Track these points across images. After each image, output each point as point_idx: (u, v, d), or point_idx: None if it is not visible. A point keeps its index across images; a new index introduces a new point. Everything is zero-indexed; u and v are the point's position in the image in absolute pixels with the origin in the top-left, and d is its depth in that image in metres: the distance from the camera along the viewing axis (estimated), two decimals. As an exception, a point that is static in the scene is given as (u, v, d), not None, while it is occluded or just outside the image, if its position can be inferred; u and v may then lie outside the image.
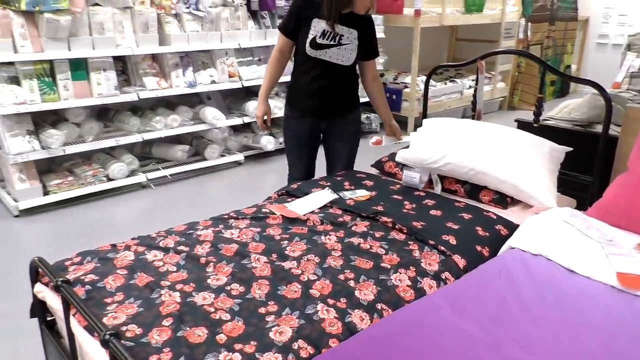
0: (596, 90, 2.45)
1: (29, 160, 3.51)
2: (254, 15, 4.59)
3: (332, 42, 2.47)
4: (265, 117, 2.71)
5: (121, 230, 3.42)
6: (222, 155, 4.54)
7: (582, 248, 1.69)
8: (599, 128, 2.85)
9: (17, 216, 3.52)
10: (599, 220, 1.91)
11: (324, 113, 2.62)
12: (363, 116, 5.59)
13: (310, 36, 2.47)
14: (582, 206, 2.37)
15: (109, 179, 3.89)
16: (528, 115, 3.38)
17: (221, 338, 1.38)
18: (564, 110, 3.67)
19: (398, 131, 2.82)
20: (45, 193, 3.63)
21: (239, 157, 4.63)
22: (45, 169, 3.84)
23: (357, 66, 2.65)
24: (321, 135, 2.73)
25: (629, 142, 2.18)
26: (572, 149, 2.41)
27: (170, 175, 4.20)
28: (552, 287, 1.51)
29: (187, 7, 4.06)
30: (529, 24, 6.86)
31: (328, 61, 2.50)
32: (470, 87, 6.47)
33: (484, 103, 6.72)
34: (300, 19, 2.49)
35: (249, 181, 4.32)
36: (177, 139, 4.44)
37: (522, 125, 3.18)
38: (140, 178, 4.04)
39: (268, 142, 4.62)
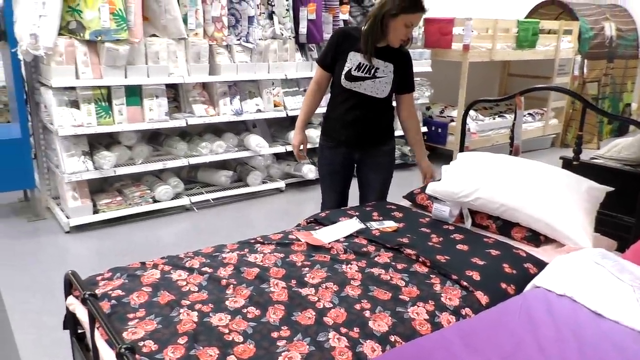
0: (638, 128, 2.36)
1: (82, 180, 3.72)
2: (301, 47, 4.73)
3: (367, 75, 2.52)
4: (302, 147, 2.77)
5: (162, 250, 3.53)
6: (264, 182, 4.64)
7: (611, 291, 1.62)
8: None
9: (68, 232, 3.71)
10: (636, 263, 1.82)
11: (357, 144, 2.66)
12: (406, 149, 5.59)
13: (346, 68, 2.53)
14: (623, 248, 2.26)
15: (155, 201, 4.06)
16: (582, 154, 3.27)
17: (231, 359, 1.41)
18: (613, 150, 3.54)
19: (430, 172, 2.80)
20: (95, 211, 3.83)
21: (281, 184, 4.72)
22: (97, 188, 4.05)
23: (393, 99, 2.68)
24: (355, 165, 2.76)
25: (673, 183, 2.08)
26: (612, 188, 2.32)
27: (212, 199, 4.32)
28: (574, 329, 1.44)
29: (238, 39, 4.24)
30: (585, 60, 6.69)
31: (362, 93, 2.55)
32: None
33: (536, 140, 6.60)
34: (337, 52, 2.57)
35: (288, 208, 4.38)
36: (221, 165, 4.59)
37: (567, 163, 3.09)
38: (184, 201, 4.19)
39: (309, 171, 4.69)
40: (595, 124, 6.86)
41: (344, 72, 2.53)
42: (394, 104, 2.73)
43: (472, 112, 5.94)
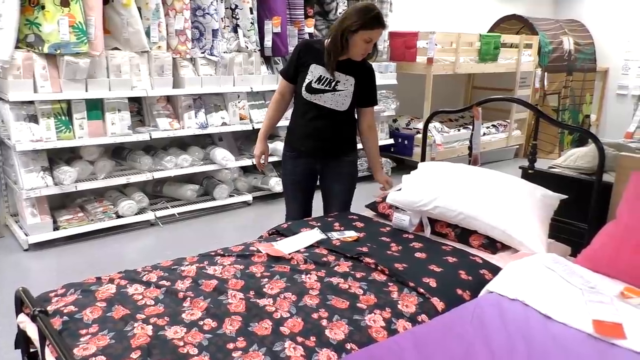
0: (590, 138, 2.44)
1: (42, 196, 3.63)
2: (267, 60, 4.75)
3: (327, 88, 2.55)
4: (263, 157, 2.80)
5: (124, 266, 3.38)
6: (231, 196, 4.61)
7: (561, 294, 1.66)
8: (605, 177, 2.82)
9: (26, 250, 3.61)
10: (586, 267, 1.87)
11: (318, 154, 2.68)
12: (374, 160, 5.64)
13: (307, 81, 2.56)
14: (577, 254, 2.32)
15: (119, 216, 3.99)
16: (542, 163, 3.36)
17: (184, 372, 1.39)
18: (569, 159, 3.64)
19: (390, 181, 2.85)
20: (56, 228, 3.73)
21: (248, 197, 4.70)
22: (58, 204, 3.96)
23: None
24: (318, 176, 2.78)
25: (621, 190, 2.15)
26: (566, 196, 2.39)
27: (178, 214, 4.27)
28: (524, 333, 1.47)
29: (202, 52, 4.23)
30: (545, 73, 6.89)
31: (323, 105, 2.57)
32: (485, 134, 6.48)
33: (500, 151, 6.74)
34: (299, 64, 2.60)
35: (255, 221, 4.36)
36: (187, 179, 4.54)
37: (526, 172, 3.16)
38: (149, 216, 4.13)
39: (276, 184, 4.69)
40: (556, 134, 7.06)
41: (304, 85, 2.57)
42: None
43: (437, 124, 6.04)
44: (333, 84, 2.54)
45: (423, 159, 3.15)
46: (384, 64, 5.57)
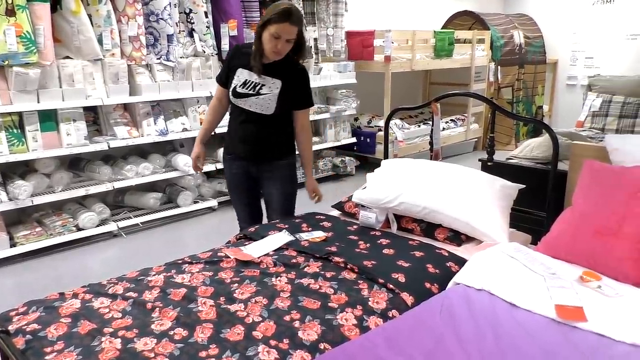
0: (544, 129, 2.53)
1: (-4, 212, 3.50)
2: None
3: (250, 92, 2.52)
4: (200, 160, 2.84)
5: (89, 280, 3.33)
6: (196, 202, 4.56)
7: (524, 282, 1.71)
8: (560, 165, 2.93)
9: (-18, 268, 3.48)
10: (546, 254, 1.94)
11: (252, 158, 2.67)
12: (337, 159, 5.67)
13: (233, 85, 2.55)
14: (537, 242, 2.40)
15: (79, 229, 3.88)
16: (500, 155, 3.45)
17: (156, 383, 1.37)
18: (526, 149, 3.77)
19: (316, 194, 2.79)
20: (13, 245, 3.60)
21: (213, 202, 4.65)
22: (14, 220, 3.82)
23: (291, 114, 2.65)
24: (256, 179, 2.74)
25: (575, 178, 2.24)
26: (524, 186, 2.47)
27: (141, 223, 4.19)
28: (491, 321, 1.52)
29: (158, 58, 4.16)
30: (499, 67, 7.09)
31: (249, 110, 2.55)
32: (444, 128, 6.61)
33: (459, 144, 6.89)
34: (229, 69, 2.60)
35: (221, 227, 4.31)
36: (150, 187, 4.46)
37: (485, 164, 3.24)
38: (111, 227, 4.03)
39: (241, 188, 4.65)
40: (512, 126, 7.26)
41: (231, 89, 2.56)
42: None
43: (398, 121, 6.13)
44: (257, 87, 2.51)
45: (386, 157, 3.19)
46: (343, 64, 5.61)
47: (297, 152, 2.76)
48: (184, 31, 4.37)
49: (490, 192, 2.36)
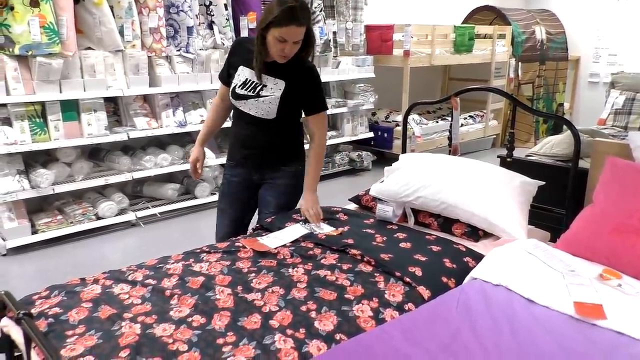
0: (565, 125, 2.50)
1: (18, 200, 3.57)
2: (244, 57, 4.72)
3: (250, 93, 2.26)
4: (198, 164, 2.54)
5: (109, 267, 3.38)
6: (213, 193, 4.59)
7: (542, 278, 1.70)
8: (580, 163, 2.89)
9: (4, 255, 3.55)
10: (565, 251, 1.92)
11: (253, 165, 2.42)
12: (354, 154, 5.67)
13: (233, 84, 2.30)
14: (556, 239, 2.37)
15: (99, 218, 3.93)
16: (519, 152, 3.42)
17: (175, 369, 1.39)
18: (546, 147, 3.72)
19: (309, 214, 2.36)
20: (34, 232, 3.67)
21: (229, 195, 4.67)
22: (36, 207, 3.89)
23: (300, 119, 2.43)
24: (257, 187, 2.51)
25: (596, 175, 2.21)
26: (543, 182, 2.44)
27: (159, 213, 4.24)
28: (508, 317, 1.51)
29: (178, 50, 4.19)
30: (519, 63, 7.00)
31: (248, 113, 2.30)
32: (462, 125, 6.56)
33: (478, 141, 6.83)
34: (230, 65, 2.34)
35: (238, 219, 4.34)
36: (167, 178, 4.51)
37: (504, 161, 3.21)
38: (130, 216, 4.08)
39: (258, 180, 4.67)
40: (531, 124, 7.18)
41: (230, 90, 2.31)
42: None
43: (416, 117, 6.09)
44: (258, 89, 2.24)
45: (404, 152, 3.17)
46: (361, 58, 5.60)
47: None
48: (203, 23, 4.39)
49: (510, 188, 2.34)
